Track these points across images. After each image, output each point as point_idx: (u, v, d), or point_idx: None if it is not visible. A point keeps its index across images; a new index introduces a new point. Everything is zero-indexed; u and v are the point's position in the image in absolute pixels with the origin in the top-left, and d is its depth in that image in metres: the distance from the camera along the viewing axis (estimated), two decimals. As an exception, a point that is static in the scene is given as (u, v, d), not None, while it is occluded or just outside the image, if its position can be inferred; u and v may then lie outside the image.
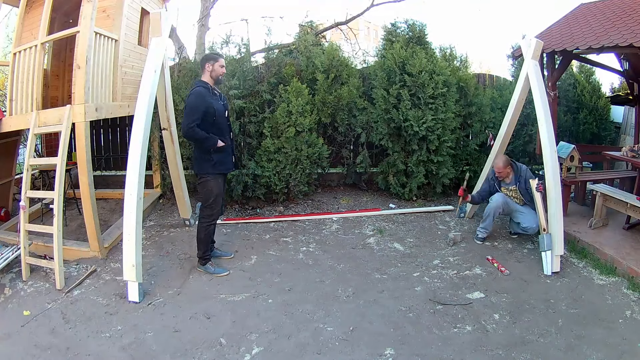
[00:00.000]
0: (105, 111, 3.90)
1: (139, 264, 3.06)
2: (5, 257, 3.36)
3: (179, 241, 4.13)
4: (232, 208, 5.06)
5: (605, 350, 2.45)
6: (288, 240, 4.16)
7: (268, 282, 3.33)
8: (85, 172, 3.55)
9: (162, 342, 2.59)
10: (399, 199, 5.24)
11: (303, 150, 4.84)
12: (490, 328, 2.70)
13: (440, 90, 4.84)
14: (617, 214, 4.09)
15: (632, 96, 5.58)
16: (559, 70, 4.57)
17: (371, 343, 2.57)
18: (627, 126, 6.42)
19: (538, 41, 3.83)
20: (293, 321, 2.80)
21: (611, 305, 2.92)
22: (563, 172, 4.29)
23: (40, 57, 3.66)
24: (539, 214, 3.55)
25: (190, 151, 4.92)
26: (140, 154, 3.14)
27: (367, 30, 24.02)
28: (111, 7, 4.09)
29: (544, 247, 3.39)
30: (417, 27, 5.32)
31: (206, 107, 3.11)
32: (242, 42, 5.12)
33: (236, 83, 4.71)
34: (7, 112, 3.86)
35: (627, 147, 4.43)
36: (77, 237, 3.99)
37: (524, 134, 5.50)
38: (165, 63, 3.82)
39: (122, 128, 5.92)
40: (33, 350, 2.52)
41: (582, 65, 6.49)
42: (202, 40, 7.80)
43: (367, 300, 3.05)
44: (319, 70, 5.07)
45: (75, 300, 3.06)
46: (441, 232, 4.33)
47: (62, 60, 5.23)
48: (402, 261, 3.67)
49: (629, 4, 4.31)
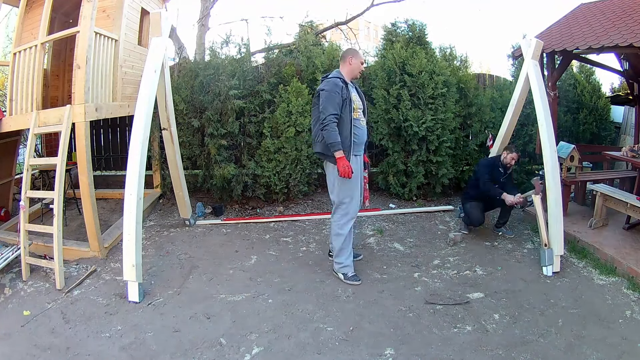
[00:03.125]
0: (105, 111, 3.90)
1: (139, 264, 3.06)
2: (5, 257, 3.36)
3: (179, 241, 4.13)
4: (232, 208, 5.06)
5: (605, 350, 2.45)
6: (288, 240, 4.16)
7: (268, 282, 3.33)
8: (85, 172, 3.55)
9: (162, 342, 2.59)
10: (399, 199, 5.24)
11: (303, 150, 4.84)
12: (490, 328, 2.70)
13: (440, 90, 4.84)
14: (617, 214, 4.09)
15: (632, 96, 5.58)
16: (559, 70, 4.57)
17: (371, 343, 2.57)
18: (627, 126, 6.41)
19: (538, 41, 3.83)
20: (293, 321, 2.80)
21: (611, 305, 2.92)
22: (563, 172, 4.28)
23: (40, 57, 3.66)
24: (539, 227, 3.52)
25: (190, 151, 4.93)
26: (140, 154, 3.14)
27: (367, 30, 24.04)
28: (111, 7, 4.09)
29: (544, 262, 3.39)
30: (417, 27, 5.31)
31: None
32: (242, 42, 5.11)
33: (236, 83, 4.71)
34: (7, 112, 3.87)
35: (627, 147, 4.43)
36: (77, 237, 3.99)
37: (524, 134, 5.50)
38: (165, 63, 3.82)
39: (122, 128, 5.92)
40: (33, 350, 2.52)
41: (582, 65, 6.48)
42: (202, 40, 7.81)
43: (367, 300, 3.05)
44: (319, 70, 5.06)
45: (75, 300, 3.06)
46: (441, 232, 4.33)
47: (62, 60, 5.23)
48: (402, 261, 3.67)
49: (629, 4, 4.30)
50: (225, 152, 4.84)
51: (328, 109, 2.98)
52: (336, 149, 2.98)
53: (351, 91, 3.15)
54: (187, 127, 4.84)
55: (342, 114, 3.04)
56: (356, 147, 3.17)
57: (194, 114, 4.85)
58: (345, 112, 3.05)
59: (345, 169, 2.97)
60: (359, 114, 3.19)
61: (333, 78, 3.11)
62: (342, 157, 2.98)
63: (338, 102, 3.00)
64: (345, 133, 3.04)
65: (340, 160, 2.98)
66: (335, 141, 2.97)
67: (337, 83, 3.06)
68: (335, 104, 2.99)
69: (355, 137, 3.12)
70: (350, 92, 3.11)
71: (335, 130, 2.98)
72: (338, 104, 3.00)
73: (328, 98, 3.00)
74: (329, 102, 2.99)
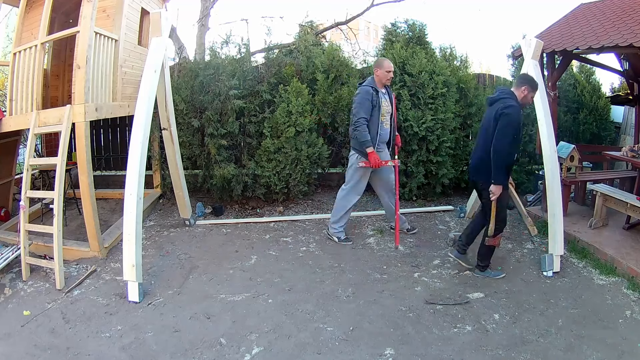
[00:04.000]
0: (105, 111, 3.90)
1: (139, 264, 3.06)
2: (5, 257, 3.37)
3: (179, 241, 4.13)
4: (232, 208, 5.06)
5: (605, 350, 2.45)
6: (288, 240, 4.16)
7: (268, 282, 3.33)
8: (85, 172, 3.55)
9: (162, 342, 2.59)
10: (399, 199, 5.22)
11: (303, 150, 4.84)
12: (490, 328, 2.70)
13: (440, 90, 4.84)
14: (617, 214, 4.09)
15: (632, 96, 5.57)
16: (559, 70, 4.56)
17: (371, 343, 2.57)
18: (627, 126, 6.41)
19: (538, 41, 3.83)
20: (293, 321, 2.80)
21: (611, 305, 2.92)
22: (563, 172, 4.28)
23: (40, 57, 3.66)
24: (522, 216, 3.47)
25: (190, 151, 4.92)
26: (140, 154, 3.14)
27: (367, 30, 24.00)
28: (111, 7, 4.08)
29: (545, 267, 3.38)
30: (417, 27, 5.32)
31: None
32: (242, 42, 5.11)
33: (236, 83, 4.71)
34: (7, 112, 3.87)
35: (627, 147, 4.43)
36: (77, 237, 3.99)
37: (524, 134, 5.50)
38: (165, 63, 3.82)
39: (122, 128, 5.91)
40: (33, 350, 2.52)
41: (582, 65, 6.48)
42: (202, 40, 7.80)
43: (367, 300, 3.05)
44: (319, 70, 5.06)
45: (75, 300, 3.06)
46: (441, 232, 4.33)
47: (62, 60, 5.23)
48: (402, 261, 3.67)
49: (629, 4, 4.30)
50: (225, 152, 4.84)
51: (360, 112, 3.59)
52: (367, 145, 3.59)
53: (382, 98, 3.70)
54: (187, 127, 4.84)
55: (372, 116, 3.62)
56: (379, 145, 3.78)
57: (194, 114, 4.85)
58: (374, 115, 3.63)
59: (376, 161, 3.62)
60: (386, 118, 3.76)
61: (366, 86, 3.69)
62: (372, 151, 3.60)
63: (368, 107, 3.58)
64: (372, 133, 3.64)
65: (371, 154, 3.61)
66: (366, 139, 3.58)
67: (369, 91, 3.63)
68: (366, 109, 3.58)
69: (379, 136, 3.72)
70: (380, 99, 3.67)
71: (366, 130, 3.59)
72: (368, 108, 3.58)
73: (360, 103, 3.61)
74: (361, 107, 3.60)
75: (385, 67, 3.70)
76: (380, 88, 3.73)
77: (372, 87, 3.66)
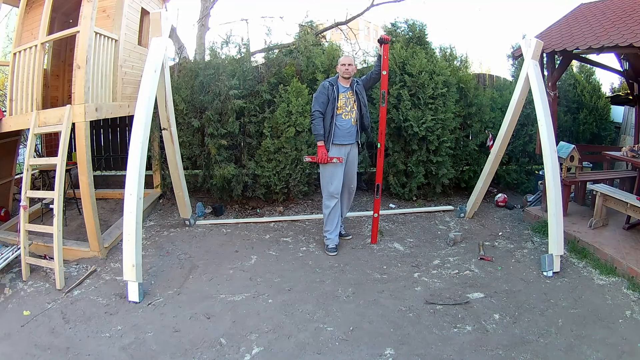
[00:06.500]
0: (105, 111, 3.90)
1: (139, 264, 3.06)
2: (5, 257, 3.36)
3: (179, 241, 4.13)
4: (232, 208, 5.07)
5: (605, 350, 2.45)
6: (288, 240, 4.16)
7: (268, 282, 3.33)
8: (85, 172, 3.55)
9: (162, 342, 2.59)
10: (399, 199, 5.24)
11: (303, 150, 4.84)
12: (490, 328, 2.70)
13: (440, 90, 4.84)
14: (617, 214, 4.09)
15: (632, 96, 5.57)
16: (559, 70, 4.56)
17: (371, 343, 2.57)
18: (627, 126, 6.41)
19: (538, 41, 3.83)
20: (293, 321, 2.80)
21: (611, 305, 2.92)
22: (563, 172, 4.28)
23: (40, 57, 3.66)
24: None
25: (190, 151, 4.93)
26: (140, 154, 3.14)
27: (367, 30, 23.98)
28: (111, 7, 4.08)
29: (545, 267, 3.38)
30: (417, 27, 5.31)
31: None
32: (242, 42, 5.11)
33: (236, 83, 4.71)
34: (7, 112, 3.86)
35: (627, 147, 4.42)
36: (77, 237, 3.99)
37: (524, 134, 5.50)
38: (165, 63, 3.82)
39: (122, 128, 5.91)
40: (33, 350, 2.52)
41: (582, 65, 6.48)
42: (202, 40, 7.80)
43: (367, 300, 3.05)
44: (319, 70, 5.06)
45: (75, 300, 3.06)
46: (441, 232, 4.33)
47: (62, 60, 5.23)
48: (402, 261, 3.67)
49: (629, 4, 4.30)
50: (225, 152, 4.84)
51: (315, 106, 3.66)
52: (318, 139, 3.65)
53: (342, 91, 3.71)
54: (187, 127, 4.84)
55: (326, 110, 3.65)
56: (341, 138, 3.71)
57: (194, 114, 4.85)
58: (329, 108, 3.65)
59: (322, 155, 3.61)
60: (345, 110, 3.72)
61: (324, 81, 3.75)
62: (321, 145, 3.63)
63: (323, 101, 3.63)
64: (326, 125, 3.66)
65: (320, 148, 3.64)
66: (317, 132, 3.64)
67: (325, 85, 3.69)
68: (320, 102, 3.63)
69: (337, 128, 3.68)
70: (338, 93, 3.67)
71: (320, 124, 3.62)
72: (322, 102, 3.63)
73: (315, 98, 3.69)
74: (315, 101, 3.66)
75: (340, 61, 3.74)
76: (343, 83, 3.71)
77: (329, 82, 3.69)
